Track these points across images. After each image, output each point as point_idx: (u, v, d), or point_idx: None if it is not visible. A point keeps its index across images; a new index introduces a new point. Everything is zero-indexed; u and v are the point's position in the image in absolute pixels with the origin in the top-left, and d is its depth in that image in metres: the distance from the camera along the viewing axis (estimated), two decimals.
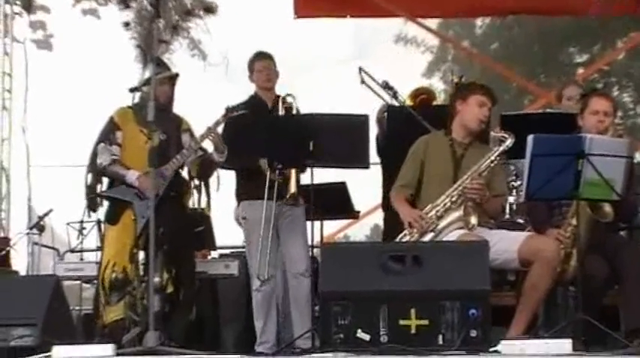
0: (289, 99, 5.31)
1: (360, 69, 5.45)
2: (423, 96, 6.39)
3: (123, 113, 5.30)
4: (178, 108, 5.42)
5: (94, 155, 5.26)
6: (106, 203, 5.29)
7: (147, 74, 5.30)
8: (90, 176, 5.30)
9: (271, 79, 5.47)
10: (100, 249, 5.30)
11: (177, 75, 5.32)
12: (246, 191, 5.32)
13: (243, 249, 6.37)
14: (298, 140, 4.84)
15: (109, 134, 5.25)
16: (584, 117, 4.71)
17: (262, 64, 5.46)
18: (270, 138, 5.14)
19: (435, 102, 6.48)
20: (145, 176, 5.07)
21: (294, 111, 5.30)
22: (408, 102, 6.30)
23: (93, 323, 5.13)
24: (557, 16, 11.17)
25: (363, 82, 5.46)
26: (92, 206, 5.33)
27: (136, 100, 5.34)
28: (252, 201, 5.24)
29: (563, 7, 9.31)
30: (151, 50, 5.17)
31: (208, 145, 5.29)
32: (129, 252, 5.06)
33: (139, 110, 5.23)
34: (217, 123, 5.19)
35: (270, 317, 5.17)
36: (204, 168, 5.31)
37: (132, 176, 5.15)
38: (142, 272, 5.08)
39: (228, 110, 5.19)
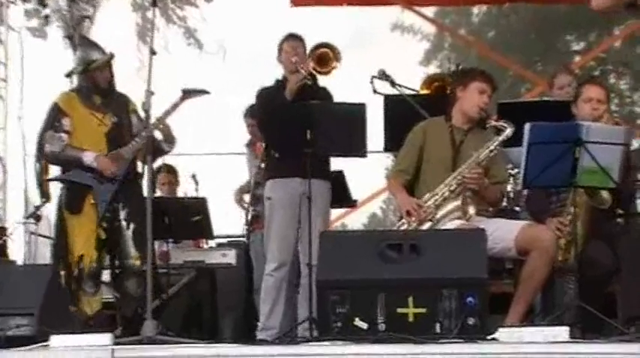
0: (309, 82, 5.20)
1: (373, 77, 5.40)
2: (437, 83, 6.38)
3: (67, 98, 5.18)
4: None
5: (41, 144, 5.13)
6: (58, 190, 5.18)
7: (79, 56, 5.23)
8: (38, 165, 5.19)
9: (297, 62, 5.23)
10: (58, 237, 5.15)
11: (112, 56, 5.22)
12: (272, 169, 5.27)
13: (242, 238, 6.39)
14: (296, 128, 4.82)
15: (54, 121, 5.12)
16: (578, 106, 4.72)
17: (290, 45, 5.32)
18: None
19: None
20: (103, 156, 5.02)
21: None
22: (423, 91, 6.30)
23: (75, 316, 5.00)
24: (553, 4, 11.17)
25: (375, 91, 5.44)
26: (45, 195, 5.25)
27: (75, 84, 5.26)
28: (277, 180, 5.19)
29: None
30: (77, 31, 5.14)
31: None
32: (95, 239, 5.01)
33: (84, 93, 5.17)
34: (169, 111, 5.02)
35: (277, 304, 5.11)
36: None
37: (89, 157, 5.02)
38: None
39: (185, 93, 5.04)
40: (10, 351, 3.83)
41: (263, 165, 5.86)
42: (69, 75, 5.26)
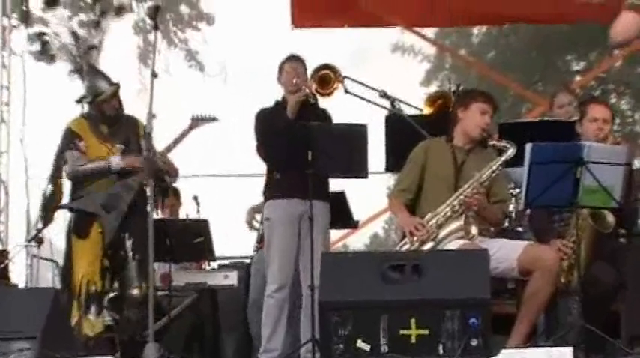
0: (311, 101, 5.24)
1: (345, 77, 5.43)
2: (439, 101, 6.41)
3: (78, 123, 5.24)
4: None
5: (58, 164, 5.19)
6: (67, 216, 5.22)
7: (87, 86, 5.28)
8: (50, 186, 5.24)
9: (298, 82, 5.25)
10: (65, 261, 5.20)
11: (119, 86, 5.26)
12: (272, 189, 5.26)
13: (243, 260, 6.38)
14: (297, 149, 4.83)
15: (70, 143, 5.18)
16: (583, 125, 4.71)
17: (291, 66, 5.33)
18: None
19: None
20: (125, 154, 5.06)
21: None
22: (426, 109, 6.33)
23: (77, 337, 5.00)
24: (553, 24, 11.20)
25: (347, 91, 5.47)
26: (49, 218, 5.29)
27: (86, 109, 5.29)
28: (277, 200, 5.20)
29: (559, 15, 9.34)
30: (85, 59, 5.15)
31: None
32: (100, 266, 5.05)
33: (92, 121, 5.21)
34: (178, 139, 5.07)
35: (279, 325, 5.09)
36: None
37: (114, 160, 5.08)
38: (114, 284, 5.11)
39: (194, 120, 5.09)
40: None
41: None
42: (79, 101, 5.30)
